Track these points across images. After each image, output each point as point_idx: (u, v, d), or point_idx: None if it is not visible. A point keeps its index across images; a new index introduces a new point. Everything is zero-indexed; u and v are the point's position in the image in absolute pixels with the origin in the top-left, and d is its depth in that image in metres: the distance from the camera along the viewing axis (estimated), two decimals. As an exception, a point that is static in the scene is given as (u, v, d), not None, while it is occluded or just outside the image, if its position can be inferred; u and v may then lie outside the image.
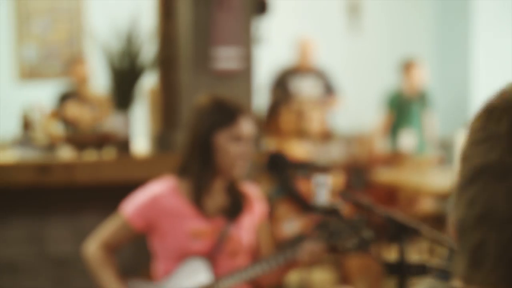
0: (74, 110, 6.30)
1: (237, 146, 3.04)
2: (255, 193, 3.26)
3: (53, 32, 8.21)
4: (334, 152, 6.91)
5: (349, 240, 2.99)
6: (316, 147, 6.76)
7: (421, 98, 7.98)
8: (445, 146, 8.53)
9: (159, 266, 3.17)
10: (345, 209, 2.65)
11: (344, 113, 8.20)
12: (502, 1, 8.57)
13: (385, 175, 6.76)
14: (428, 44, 9.22)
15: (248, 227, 3.19)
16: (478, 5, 8.63)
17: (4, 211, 3.79)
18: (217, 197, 3.14)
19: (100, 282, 3.11)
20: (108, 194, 3.84)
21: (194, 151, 3.08)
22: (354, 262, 5.72)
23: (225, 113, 3.03)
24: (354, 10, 8.84)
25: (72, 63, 7.47)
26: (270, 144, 5.99)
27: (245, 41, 3.76)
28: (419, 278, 2.50)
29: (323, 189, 2.61)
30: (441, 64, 9.03)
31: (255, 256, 3.23)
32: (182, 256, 3.09)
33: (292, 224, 5.28)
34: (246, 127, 3.05)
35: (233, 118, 3.03)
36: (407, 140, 7.65)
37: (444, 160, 8.05)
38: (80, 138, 3.71)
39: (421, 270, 2.50)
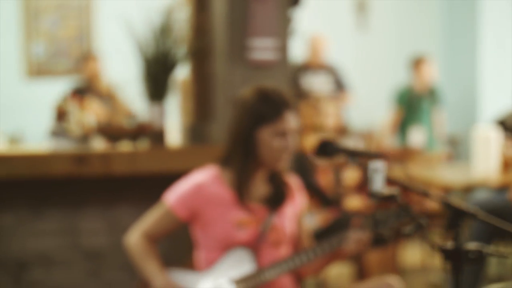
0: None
1: (282, 140, 3.03)
2: (296, 183, 3.26)
3: (62, 29, 8.18)
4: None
5: (404, 226, 3.02)
6: (333, 141, 6.75)
7: (431, 94, 8.02)
8: (453, 143, 8.56)
9: (201, 255, 3.16)
10: (401, 195, 2.64)
11: (354, 109, 8.21)
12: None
13: (395, 171, 6.77)
14: (436, 41, 9.24)
15: (291, 217, 3.18)
16: (485, 2, 8.66)
17: (39, 202, 3.78)
18: (260, 187, 3.13)
19: (143, 272, 3.10)
20: (143, 186, 3.83)
21: (237, 143, 3.05)
22: (372, 257, 5.72)
23: (270, 108, 3.00)
24: (361, 8, 8.86)
25: (83, 60, 7.46)
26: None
27: (281, 33, 3.76)
28: (475, 264, 2.49)
29: (379, 175, 2.58)
30: (449, 61, 9.05)
31: (296, 246, 3.23)
32: (226, 246, 3.07)
33: (311, 219, 5.27)
34: (291, 121, 3.03)
35: (279, 113, 3.00)
36: (417, 136, 7.66)
37: (453, 156, 8.08)
38: (114, 130, 3.69)
39: (478, 256, 2.49)
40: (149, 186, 3.83)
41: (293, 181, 3.25)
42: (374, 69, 8.85)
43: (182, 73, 3.99)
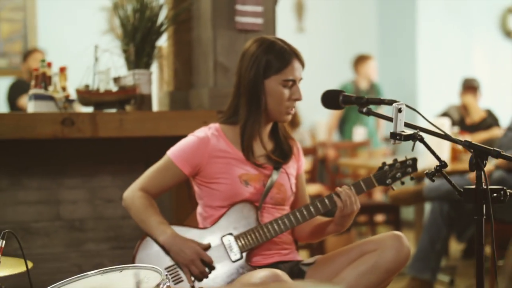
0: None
1: (291, 90, 3.01)
2: (297, 144, 3.24)
3: (1, 27, 7.94)
4: (304, 138, 6.97)
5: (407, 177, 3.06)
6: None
7: (373, 91, 8.16)
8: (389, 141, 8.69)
9: (203, 212, 3.11)
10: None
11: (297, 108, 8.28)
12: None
13: (343, 162, 6.85)
14: (374, 42, 9.40)
15: (292, 176, 3.16)
16: (422, 3, 8.86)
17: (20, 171, 3.65)
18: (265, 143, 3.10)
19: (146, 226, 3.01)
20: (129, 151, 3.75)
21: (244, 96, 3.02)
22: (332, 241, 5.75)
23: (278, 57, 2.98)
24: (299, 10, 8.94)
25: (27, 54, 7.28)
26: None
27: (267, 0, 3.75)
28: (498, 203, 2.51)
29: (402, 115, 2.59)
30: (387, 61, 9.20)
31: (293, 207, 3.20)
32: (230, 202, 3.04)
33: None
34: (298, 70, 3.02)
35: (287, 62, 2.99)
36: (360, 132, 7.78)
37: (394, 153, 8.20)
38: (98, 94, 3.58)
39: (501, 195, 2.50)
40: (135, 152, 3.76)
41: (295, 142, 3.23)
42: (314, 69, 8.90)
43: (165, 39, 3.93)
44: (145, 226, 3.01)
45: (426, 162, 5.67)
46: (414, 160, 3.13)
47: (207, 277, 2.94)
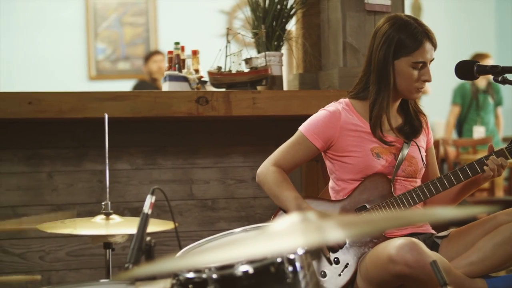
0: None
1: (421, 71, 3.02)
2: (426, 118, 3.25)
3: (124, 31, 8.18)
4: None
5: None
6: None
7: (491, 89, 8.05)
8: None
9: (336, 186, 3.13)
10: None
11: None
12: None
13: (464, 157, 6.77)
14: (491, 42, 9.27)
15: (423, 149, 3.17)
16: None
17: (155, 149, 3.76)
18: (394, 118, 3.11)
19: (280, 200, 3.04)
20: (262, 129, 3.82)
21: (374, 74, 3.04)
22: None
23: (411, 37, 2.98)
24: (417, 10, 8.91)
25: (149, 55, 7.47)
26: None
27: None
28: None
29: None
30: (505, 59, 9.05)
31: (423, 180, 3.19)
32: (363, 174, 3.05)
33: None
34: (429, 52, 3.02)
35: (420, 43, 2.99)
36: (480, 130, 7.68)
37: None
38: (229, 75, 3.66)
39: None
40: (266, 133, 3.82)
41: (424, 116, 3.24)
42: (432, 69, 8.84)
43: (295, 21, 3.99)
44: (279, 200, 3.05)
45: None
46: None
47: (342, 248, 2.97)
